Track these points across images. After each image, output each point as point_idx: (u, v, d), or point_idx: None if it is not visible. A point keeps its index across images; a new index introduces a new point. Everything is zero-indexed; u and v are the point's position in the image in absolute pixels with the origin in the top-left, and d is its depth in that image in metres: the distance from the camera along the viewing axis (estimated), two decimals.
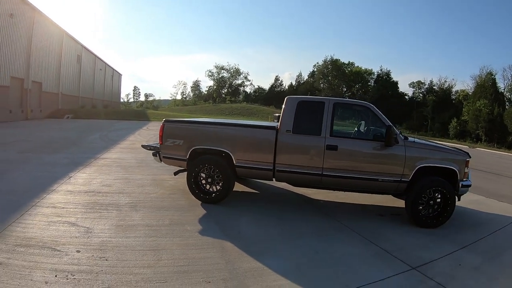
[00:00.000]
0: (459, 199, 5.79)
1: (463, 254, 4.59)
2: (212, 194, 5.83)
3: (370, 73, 72.73)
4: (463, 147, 31.73)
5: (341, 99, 6.12)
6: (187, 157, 5.85)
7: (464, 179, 5.66)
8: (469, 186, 5.79)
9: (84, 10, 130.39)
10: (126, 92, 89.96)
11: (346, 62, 73.98)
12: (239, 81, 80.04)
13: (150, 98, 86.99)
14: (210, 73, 78.60)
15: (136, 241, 4.12)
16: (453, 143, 37.67)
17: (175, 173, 6.33)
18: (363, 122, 6.15)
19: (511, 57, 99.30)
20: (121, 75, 58.82)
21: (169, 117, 30.63)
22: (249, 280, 3.42)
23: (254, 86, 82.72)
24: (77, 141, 12.87)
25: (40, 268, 3.30)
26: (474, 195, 8.09)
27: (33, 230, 4.20)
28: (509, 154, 31.63)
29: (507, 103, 59.49)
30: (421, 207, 5.52)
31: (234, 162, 5.71)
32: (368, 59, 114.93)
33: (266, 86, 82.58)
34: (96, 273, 3.29)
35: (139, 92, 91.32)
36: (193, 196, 5.87)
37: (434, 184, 5.46)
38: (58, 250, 3.71)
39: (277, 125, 5.79)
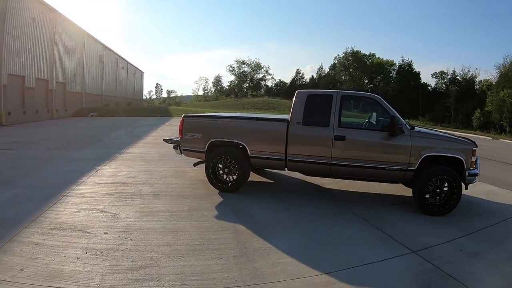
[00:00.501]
0: (466, 188, 5.88)
1: (465, 241, 4.71)
2: (229, 183, 6.19)
3: (391, 64, 70.70)
4: (486, 138, 30.75)
5: (348, 91, 6.33)
6: (205, 149, 6.24)
7: (471, 168, 5.75)
8: (476, 175, 5.85)
9: (104, 11, 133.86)
10: (148, 89, 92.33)
11: (367, 53, 72.08)
12: (260, 75, 79.90)
13: (172, 95, 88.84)
14: (231, 68, 78.89)
15: (157, 224, 4.57)
16: (476, 134, 36.37)
17: (195, 165, 6.75)
18: (374, 113, 6.31)
19: None
20: (143, 73, 60.30)
21: (191, 113, 31.26)
22: (257, 257, 3.77)
23: (275, 80, 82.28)
24: (102, 138, 13.62)
25: (72, 247, 3.78)
26: (488, 185, 8.06)
27: (65, 216, 4.72)
28: None
29: None
30: (427, 196, 5.65)
31: (249, 153, 6.05)
32: (389, 50, 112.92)
33: (288, 79, 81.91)
34: (122, 250, 3.73)
35: (161, 89, 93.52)
36: (211, 186, 6.26)
37: (440, 172, 5.58)
38: (88, 232, 4.19)
39: (288, 118, 6.06)
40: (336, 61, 74.67)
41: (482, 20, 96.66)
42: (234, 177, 6.18)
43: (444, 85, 68.74)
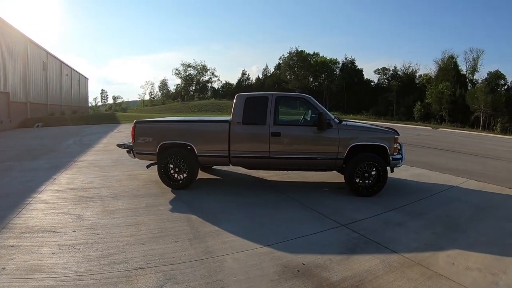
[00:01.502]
0: (392, 171, 6.62)
1: (390, 214, 5.41)
2: (180, 181, 6.67)
3: (335, 62, 72.57)
4: (427, 128, 33.81)
5: (282, 93, 7.05)
6: (157, 151, 6.66)
7: (395, 154, 6.47)
8: (399, 159, 6.56)
9: (44, 17, 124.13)
10: (93, 96, 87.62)
11: (311, 53, 73.80)
12: (207, 78, 79.20)
13: (118, 100, 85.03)
14: (177, 71, 77.46)
15: (119, 220, 4.99)
16: (417, 125, 39.51)
17: (148, 166, 7.14)
18: (309, 111, 6.87)
19: (471, 41, 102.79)
20: (87, 79, 57.08)
21: (139, 118, 30.69)
22: (209, 238, 4.40)
23: (221, 81, 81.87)
24: (53, 148, 13.14)
25: (46, 245, 4.10)
26: (420, 169, 9.24)
27: (33, 221, 4.91)
28: (472, 132, 33.82)
29: (469, 84, 61.10)
30: (357, 179, 6.31)
31: (196, 153, 6.57)
32: (332, 49, 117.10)
33: (234, 81, 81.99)
34: (91, 243, 4.15)
35: (107, 95, 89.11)
36: (163, 185, 6.72)
37: (367, 159, 6.25)
38: (58, 232, 4.51)
39: (230, 118, 6.67)
40: (281, 61, 75.60)
41: (421, 18, 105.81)
42: (184, 175, 6.67)
43: (386, 81, 71.74)
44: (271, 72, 78.69)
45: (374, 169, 6.33)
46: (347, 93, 66.23)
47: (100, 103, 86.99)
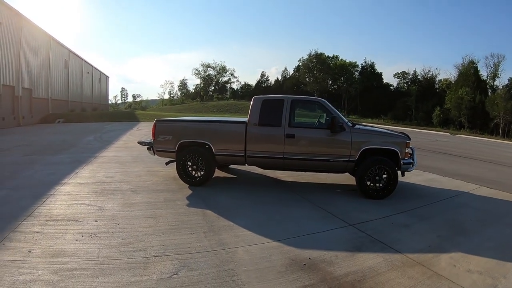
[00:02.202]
0: (403, 175, 6.68)
1: (398, 216, 5.50)
2: (197, 178, 6.90)
3: (354, 65, 71.09)
4: (445, 134, 33.26)
5: (297, 96, 7.15)
6: (176, 149, 6.92)
7: (406, 158, 6.52)
8: (410, 163, 6.59)
9: (67, 15, 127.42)
10: (114, 94, 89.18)
11: (331, 55, 72.48)
12: (226, 78, 79.24)
13: (138, 99, 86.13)
14: (196, 72, 77.81)
15: (139, 212, 5.25)
16: (436, 131, 38.92)
17: (167, 163, 7.40)
18: (324, 114, 6.97)
19: (493, 46, 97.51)
20: (108, 77, 58.57)
21: (158, 117, 31.14)
22: (222, 231, 4.62)
23: (240, 82, 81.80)
24: (74, 143, 13.67)
25: (69, 233, 4.40)
26: (432, 174, 9.22)
27: (57, 211, 5.24)
28: (491, 140, 32.91)
29: (489, 90, 58.72)
30: (368, 182, 6.38)
31: (214, 151, 6.80)
32: (352, 52, 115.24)
33: (253, 82, 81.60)
34: (112, 232, 4.42)
35: (127, 94, 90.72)
36: (181, 181, 6.97)
37: (378, 162, 6.30)
38: (80, 221, 4.80)
39: (247, 120, 6.86)
40: (300, 63, 74.54)
41: (442, 22, 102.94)
42: (202, 172, 6.89)
43: (405, 85, 69.63)
44: (290, 74, 78.01)
45: (385, 172, 6.37)
46: (366, 97, 64.52)
47: (120, 101, 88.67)
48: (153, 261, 3.68)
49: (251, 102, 6.97)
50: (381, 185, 6.43)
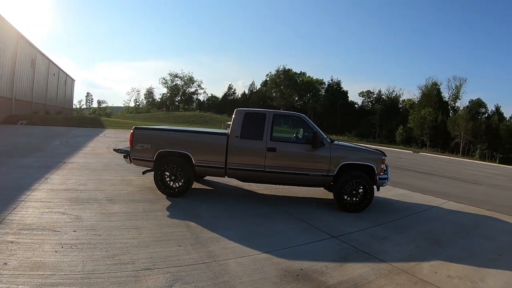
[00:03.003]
0: (378, 190, 6.83)
1: (377, 229, 5.66)
2: (175, 189, 6.60)
3: (321, 83, 72.55)
4: (408, 152, 34.78)
5: (279, 111, 7.20)
6: (154, 158, 6.62)
7: (382, 173, 6.70)
8: (385, 179, 6.80)
9: (35, 15, 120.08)
10: (78, 99, 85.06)
11: (298, 72, 73.64)
12: (193, 89, 78.35)
13: (103, 105, 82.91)
14: (164, 81, 76.50)
15: (119, 223, 4.91)
16: (399, 148, 40.54)
17: (144, 173, 7.08)
18: (301, 129, 7.01)
19: (455, 69, 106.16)
20: (74, 80, 55.73)
21: (124, 125, 29.98)
22: (210, 243, 4.44)
23: (207, 94, 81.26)
24: (41, 147, 12.70)
25: (47, 243, 3.99)
26: (402, 190, 9.59)
27: (30, 219, 4.75)
28: (452, 158, 35.04)
29: (451, 111, 62.00)
30: (346, 196, 6.50)
31: (194, 162, 6.59)
32: (319, 69, 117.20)
33: (219, 94, 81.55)
34: (94, 243, 4.09)
35: (92, 99, 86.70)
36: (159, 192, 6.64)
37: (355, 177, 6.43)
38: (58, 231, 4.40)
39: (228, 132, 6.75)
40: (268, 78, 74.88)
41: (407, 45, 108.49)
42: (180, 183, 6.61)
43: (370, 104, 71.54)
44: (257, 88, 78.28)
45: (361, 187, 6.51)
46: (331, 114, 66.06)
47: (84, 106, 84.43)
48: (144, 274, 3.43)
49: (234, 115, 6.87)
50: (357, 199, 6.55)
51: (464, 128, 52.00)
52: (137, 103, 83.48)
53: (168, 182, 6.68)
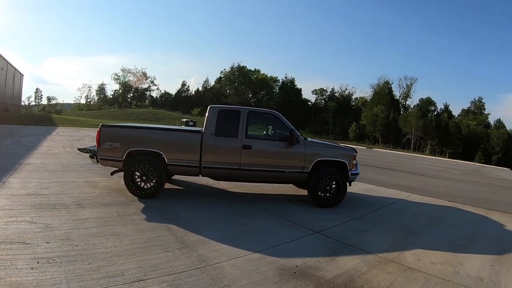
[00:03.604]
0: (350, 185, 6.85)
1: (355, 222, 5.74)
2: (147, 190, 6.15)
3: (275, 80, 71.57)
4: (362, 148, 36.09)
5: (254, 108, 6.97)
6: (124, 158, 6.12)
7: (353, 169, 6.77)
8: (357, 174, 6.91)
9: None
10: (27, 95, 77.68)
11: (252, 69, 72.30)
12: (146, 86, 74.54)
13: (53, 102, 76.50)
14: (116, 77, 71.88)
15: (95, 230, 4.41)
16: (352, 144, 41.91)
17: (112, 173, 6.55)
18: (270, 126, 6.92)
19: (406, 68, 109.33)
20: (23, 75, 50.60)
21: (75, 122, 28.14)
22: (198, 247, 4.16)
23: (160, 90, 77.58)
24: None
25: (20, 259, 3.42)
26: (367, 184, 9.84)
27: None
28: (405, 153, 37.08)
29: (401, 109, 63.89)
30: (320, 192, 6.49)
31: (166, 161, 6.17)
32: (273, 67, 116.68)
33: (173, 91, 78.11)
34: (73, 255, 3.60)
35: (41, 95, 79.55)
36: (129, 193, 6.17)
37: (329, 173, 6.44)
38: (28, 243, 3.81)
39: (202, 129, 6.41)
40: (222, 75, 72.78)
41: (360, 44, 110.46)
42: (152, 184, 6.17)
43: (323, 101, 71.37)
44: (211, 85, 75.94)
45: (335, 182, 6.55)
46: (285, 111, 65.79)
47: (33, 103, 77.26)
48: (138, 286, 3.09)
49: (207, 112, 6.52)
50: (331, 194, 6.60)
51: (415, 125, 53.83)
52: (89, 100, 77.95)
53: (139, 183, 6.21)
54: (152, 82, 74.71)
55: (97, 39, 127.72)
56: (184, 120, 28.94)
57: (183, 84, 78.06)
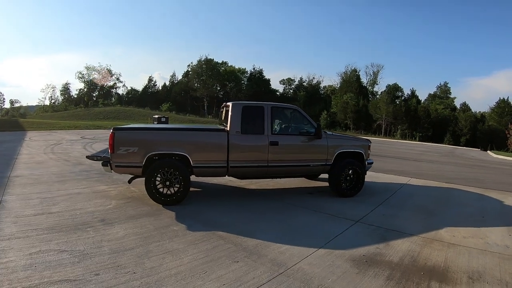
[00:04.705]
0: (365, 174, 6.60)
1: (381, 209, 5.60)
2: (173, 196, 5.35)
3: (243, 72, 67.03)
4: None
5: (275, 103, 6.33)
6: (144, 163, 5.25)
7: (368, 159, 6.66)
8: (371, 163, 6.79)
9: None
10: None
11: (220, 61, 67.25)
12: (111, 83, 66.86)
13: (16, 105, 66.15)
14: (80, 75, 63.43)
15: (142, 249, 3.64)
16: None
17: (129, 181, 5.65)
18: (290, 120, 6.47)
19: (372, 56, 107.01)
20: None
21: (44, 125, 24.83)
22: (263, 251, 3.70)
23: (127, 87, 70.23)
24: None
25: None
26: (368, 171, 9.56)
27: (20, 267, 3.11)
28: (377, 138, 36.53)
29: (370, 95, 61.10)
30: (342, 182, 6.25)
31: (192, 164, 5.46)
32: (241, 59, 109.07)
33: (139, 87, 70.94)
34: (139, 286, 2.91)
35: (4, 99, 68.26)
36: (151, 201, 5.32)
37: (350, 164, 6.23)
38: (75, 280, 2.96)
39: (227, 128, 5.73)
40: (189, 69, 66.87)
41: (325, 32, 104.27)
42: (177, 189, 5.36)
43: (291, 91, 66.84)
44: (179, 79, 69.99)
45: (354, 172, 6.37)
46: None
47: None
48: None
49: (230, 109, 5.83)
50: (350, 184, 6.39)
51: (385, 111, 52.01)
52: (53, 101, 67.83)
53: (163, 189, 5.39)
54: (117, 79, 67.38)
55: (54, 36, 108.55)
56: (156, 116, 26.34)
57: (150, 80, 71.17)
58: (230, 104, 5.96)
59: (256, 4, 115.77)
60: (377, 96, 60.77)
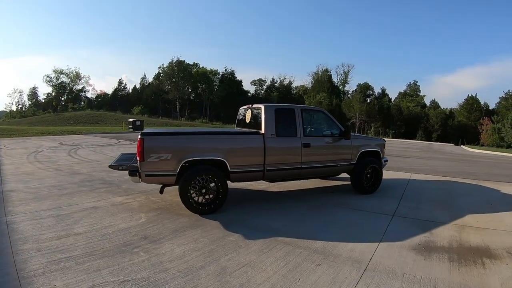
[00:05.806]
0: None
1: (403, 203, 5.63)
2: (211, 205, 4.88)
3: (215, 73, 62.19)
4: None
5: (304, 106, 6.08)
6: (178, 170, 4.70)
7: (383, 157, 6.74)
8: (387, 161, 6.85)
9: None
10: None
11: (192, 63, 61.72)
12: (80, 86, 59.64)
13: None
14: (48, 79, 55.48)
15: (213, 268, 3.11)
16: None
17: (161, 191, 5.14)
18: (318, 122, 6.32)
19: (342, 56, 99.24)
20: None
21: (15, 132, 21.43)
22: (334, 251, 3.60)
23: (96, 91, 63.62)
24: None
25: None
26: None
27: None
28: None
29: (341, 95, 58.54)
30: (364, 180, 6.21)
31: (229, 169, 5.05)
32: (212, 60, 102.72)
33: (108, 90, 65.60)
34: None
35: None
36: (186, 210, 4.80)
37: (371, 162, 6.24)
38: None
39: (261, 131, 5.42)
40: (160, 71, 61.15)
41: (294, 34, 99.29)
42: (215, 196, 4.85)
43: (263, 91, 63.40)
44: (149, 81, 64.25)
45: (373, 170, 6.38)
46: (227, 104, 55.55)
47: None
48: None
49: (263, 112, 5.49)
50: (369, 182, 6.39)
51: (359, 110, 50.40)
52: (20, 106, 58.98)
53: (199, 197, 4.92)
54: (87, 82, 60.44)
55: (16, 39, 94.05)
56: (131, 120, 23.96)
57: (120, 83, 64.92)
58: (262, 106, 5.67)
59: (225, 4, 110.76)
60: (348, 96, 59.59)
